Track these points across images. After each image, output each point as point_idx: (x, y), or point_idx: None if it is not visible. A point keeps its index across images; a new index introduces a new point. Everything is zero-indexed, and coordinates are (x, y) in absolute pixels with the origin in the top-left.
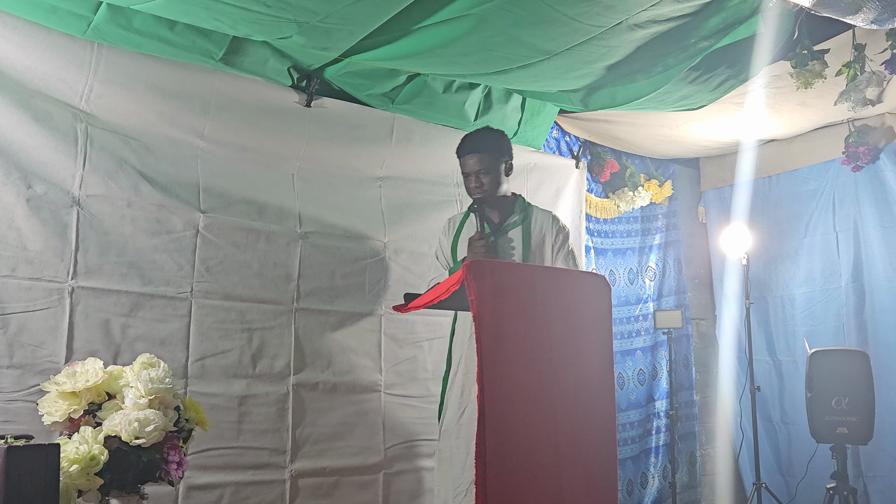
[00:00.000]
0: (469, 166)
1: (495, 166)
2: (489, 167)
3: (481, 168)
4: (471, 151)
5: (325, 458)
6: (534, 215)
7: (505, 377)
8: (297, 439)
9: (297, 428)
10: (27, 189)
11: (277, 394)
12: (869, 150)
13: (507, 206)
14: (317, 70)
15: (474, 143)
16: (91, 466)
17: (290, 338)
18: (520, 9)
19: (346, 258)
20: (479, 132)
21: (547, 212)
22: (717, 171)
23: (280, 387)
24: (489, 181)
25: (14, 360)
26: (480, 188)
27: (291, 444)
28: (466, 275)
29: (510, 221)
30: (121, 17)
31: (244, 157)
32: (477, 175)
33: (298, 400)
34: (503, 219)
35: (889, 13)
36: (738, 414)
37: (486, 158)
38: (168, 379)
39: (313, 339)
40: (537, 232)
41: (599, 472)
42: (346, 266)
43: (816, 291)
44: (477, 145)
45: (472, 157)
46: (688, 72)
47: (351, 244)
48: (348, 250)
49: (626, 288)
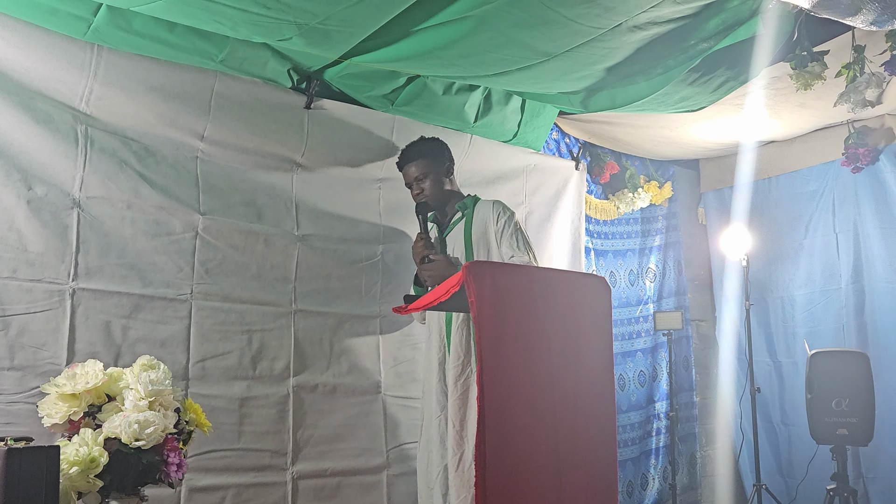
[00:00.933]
0: (409, 176)
1: (433, 170)
2: (427, 172)
3: (419, 175)
4: (407, 162)
5: (326, 459)
6: (476, 208)
7: (505, 379)
8: (298, 441)
9: (297, 430)
10: (28, 191)
11: (278, 395)
12: (868, 152)
13: (451, 206)
14: (317, 72)
15: (410, 153)
16: (91, 468)
17: (289, 339)
18: (519, 11)
19: (342, 260)
20: (415, 143)
21: (490, 201)
22: (716, 172)
23: (280, 388)
24: (429, 186)
25: (15, 362)
26: (421, 193)
27: (292, 446)
28: (466, 276)
29: (454, 219)
30: (121, 18)
31: (244, 158)
32: (417, 182)
33: (299, 402)
34: (448, 217)
35: (888, 14)
36: (739, 415)
37: (423, 164)
38: (168, 381)
39: (312, 341)
40: (479, 223)
41: (599, 474)
42: (342, 268)
43: (816, 292)
44: (412, 155)
45: (410, 166)
46: (687, 73)
47: (348, 246)
48: (345, 252)
49: (627, 289)
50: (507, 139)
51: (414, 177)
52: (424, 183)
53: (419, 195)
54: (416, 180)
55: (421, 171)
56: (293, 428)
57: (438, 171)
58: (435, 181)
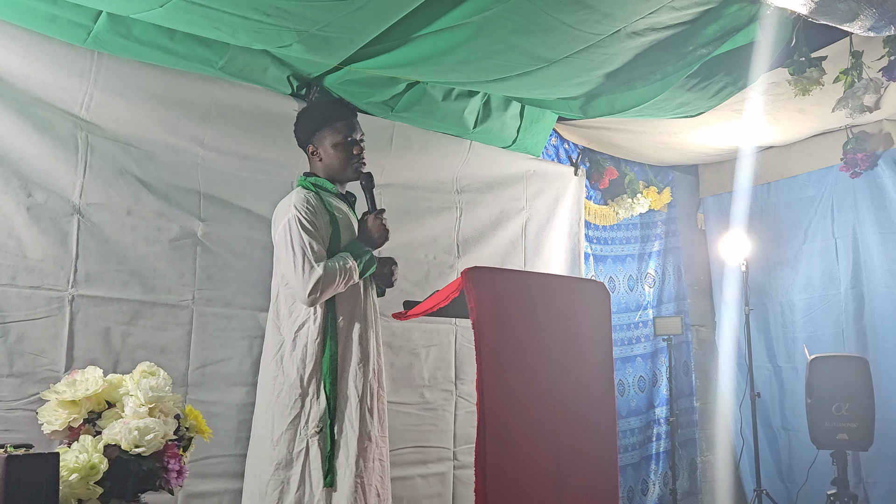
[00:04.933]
0: (355, 131)
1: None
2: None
3: (364, 137)
4: (356, 115)
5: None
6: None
7: (504, 384)
8: None
9: None
10: (27, 197)
11: None
12: (867, 157)
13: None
14: (316, 78)
15: (352, 108)
16: (91, 475)
17: None
18: (519, 17)
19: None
20: (347, 102)
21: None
22: (715, 177)
23: None
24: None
25: (14, 369)
26: (362, 160)
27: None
28: (466, 282)
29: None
30: (121, 26)
31: (244, 165)
32: (361, 144)
33: None
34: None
35: (886, 20)
36: (739, 420)
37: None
38: (168, 387)
39: None
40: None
41: (600, 479)
42: None
43: (816, 298)
44: (354, 110)
45: (357, 122)
46: (686, 79)
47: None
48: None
49: (626, 295)
50: (506, 145)
51: (361, 137)
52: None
53: (362, 161)
54: (361, 141)
55: (362, 135)
56: None
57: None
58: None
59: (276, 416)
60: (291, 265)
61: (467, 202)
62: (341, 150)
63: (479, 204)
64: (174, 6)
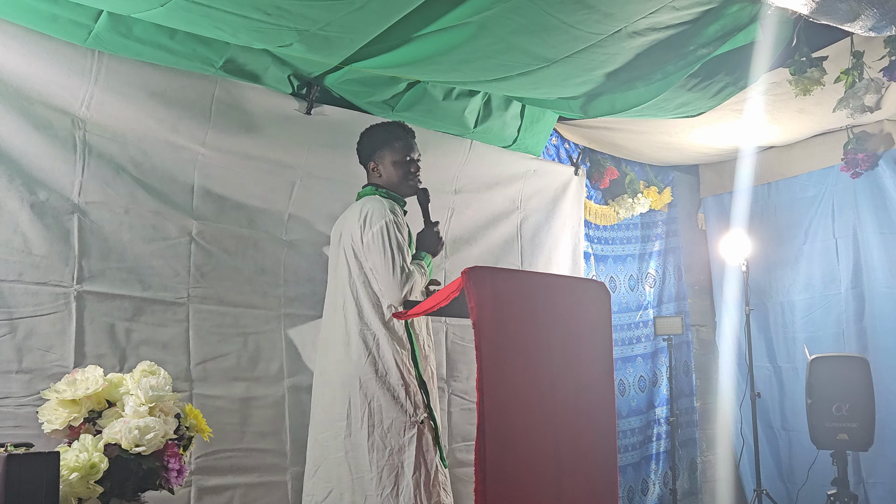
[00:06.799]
0: (413, 151)
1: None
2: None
3: (420, 157)
4: (414, 136)
5: None
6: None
7: (505, 384)
8: (295, 441)
9: (294, 430)
10: (31, 195)
11: (275, 396)
12: (868, 157)
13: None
14: (317, 78)
15: (409, 129)
16: (91, 474)
17: (281, 342)
18: (519, 17)
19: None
20: (404, 125)
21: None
22: (716, 177)
23: (276, 389)
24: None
25: (23, 365)
26: (418, 178)
27: (290, 446)
28: (466, 282)
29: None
30: (121, 25)
31: (245, 164)
32: (418, 163)
33: (295, 402)
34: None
35: (887, 20)
36: (739, 420)
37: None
38: (168, 387)
39: (304, 344)
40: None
41: (600, 479)
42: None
43: (816, 298)
44: (412, 132)
45: (415, 142)
46: (687, 79)
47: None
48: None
49: (627, 294)
50: (506, 145)
51: (418, 157)
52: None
53: (418, 178)
54: (418, 161)
55: (419, 155)
56: (290, 428)
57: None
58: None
59: (384, 407)
60: (389, 267)
61: (461, 203)
62: (400, 168)
63: (474, 204)
64: (175, 5)
